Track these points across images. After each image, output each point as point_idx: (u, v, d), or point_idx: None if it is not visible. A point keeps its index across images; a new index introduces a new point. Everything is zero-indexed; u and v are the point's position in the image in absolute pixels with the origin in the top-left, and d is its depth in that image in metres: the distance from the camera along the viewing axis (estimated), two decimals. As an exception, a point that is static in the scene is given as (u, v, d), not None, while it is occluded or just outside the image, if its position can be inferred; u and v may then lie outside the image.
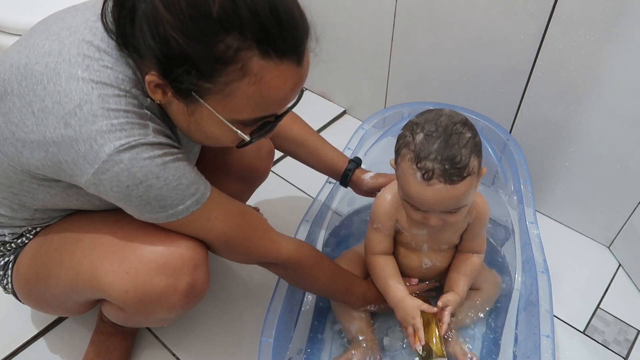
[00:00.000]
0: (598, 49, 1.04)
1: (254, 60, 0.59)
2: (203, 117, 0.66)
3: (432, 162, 0.77)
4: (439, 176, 0.77)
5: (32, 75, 0.62)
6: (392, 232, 0.96)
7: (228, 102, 0.63)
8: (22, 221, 0.78)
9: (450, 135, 0.78)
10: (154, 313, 0.76)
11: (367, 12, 1.39)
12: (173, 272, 0.73)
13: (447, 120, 0.80)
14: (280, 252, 0.83)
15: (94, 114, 0.61)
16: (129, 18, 0.61)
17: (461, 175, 0.77)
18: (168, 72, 0.61)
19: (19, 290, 0.84)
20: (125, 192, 0.64)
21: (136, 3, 0.59)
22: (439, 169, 0.77)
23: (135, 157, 0.62)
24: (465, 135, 0.79)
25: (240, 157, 1.02)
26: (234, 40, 0.58)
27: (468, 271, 0.97)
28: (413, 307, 0.91)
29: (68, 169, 0.63)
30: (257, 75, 0.60)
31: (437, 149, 0.77)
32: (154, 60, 0.60)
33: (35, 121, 0.62)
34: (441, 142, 0.77)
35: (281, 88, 0.63)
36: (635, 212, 1.18)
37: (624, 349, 1.09)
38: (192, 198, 0.69)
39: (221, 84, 0.61)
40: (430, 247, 0.97)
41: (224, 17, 0.57)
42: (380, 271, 0.97)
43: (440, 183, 0.77)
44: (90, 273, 0.73)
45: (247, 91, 0.61)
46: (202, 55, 0.58)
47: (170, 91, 0.63)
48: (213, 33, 0.57)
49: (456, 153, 0.77)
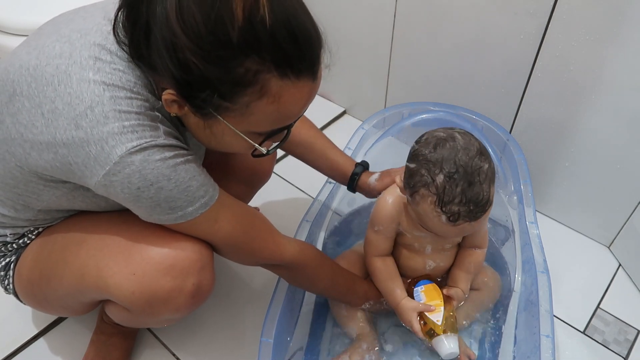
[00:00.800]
0: (598, 49, 1.04)
1: (272, 82, 0.60)
2: (219, 130, 0.67)
3: (457, 205, 0.78)
4: (464, 217, 0.79)
5: (43, 77, 0.62)
6: (394, 235, 0.97)
7: (246, 118, 0.64)
8: (25, 222, 0.78)
9: (472, 174, 0.78)
10: (160, 314, 0.76)
11: (367, 12, 1.39)
12: (180, 273, 0.73)
13: (465, 156, 0.79)
14: (284, 253, 0.83)
15: (106, 116, 0.61)
16: (143, 38, 0.61)
17: (484, 210, 0.79)
18: (186, 93, 0.62)
19: (21, 290, 0.84)
20: (136, 193, 0.64)
21: (151, 23, 0.60)
22: (464, 211, 0.78)
23: (146, 158, 0.62)
24: (483, 169, 0.79)
25: (242, 160, 1.02)
26: (253, 64, 0.58)
27: (471, 268, 0.98)
28: (410, 311, 0.93)
29: (78, 171, 0.63)
30: (276, 95, 0.61)
31: (460, 192, 0.78)
32: (172, 81, 0.61)
33: (45, 122, 0.62)
34: (464, 184, 0.78)
35: (298, 103, 0.65)
36: (635, 212, 1.18)
37: (624, 349, 1.09)
38: (201, 200, 0.69)
39: (240, 104, 0.62)
40: (434, 247, 0.97)
41: (243, 42, 0.57)
42: (380, 274, 0.97)
43: (466, 222, 0.79)
44: (96, 274, 0.72)
45: (265, 110, 0.63)
46: (222, 79, 0.59)
47: (187, 107, 0.64)
48: (233, 58, 0.58)
49: (479, 192, 0.78)
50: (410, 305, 0.94)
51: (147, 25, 0.60)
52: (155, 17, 0.59)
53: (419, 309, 0.93)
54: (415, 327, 0.92)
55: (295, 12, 0.60)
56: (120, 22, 0.64)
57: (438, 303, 0.94)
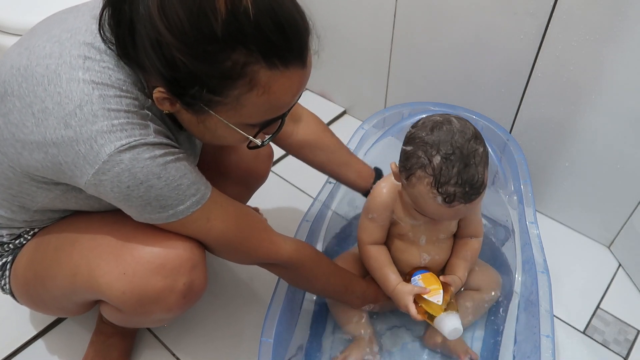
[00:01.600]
0: (598, 49, 1.04)
1: (261, 73, 0.60)
2: (213, 124, 0.66)
3: (453, 186, 0.79)
4: (459, 198, 0.80)
5: (33, 77, 0.62)
6: (387, 223, 0.97)
7: (238, 111, 0.64)
8: (21, 222, 0.78)
9: (468, 157, 0.79)
10: (152, 314, 0.76)
11: (367, 12, 1.39)
12: (170, 272, 0.73)
13: (461, 138, 0.80)
14: (280, 252, 0.83)
15: (95, 114, 0.61)
16: (129, 37, 0.61)
17: (479, 193, 0.81)
18: (176, 90, 0.61)
19: (17, 291, 0.84)
20: (126, 192, 0.64)
21: (135, 22, 0.59)
22: (460, 192, 0.79)
23: (136, 157, 0.62)
24: (479, 152, 0.81)
25: (239, 161, 1.02)
26: (240, 56, 0.58)
27: (468, 256, 0.98)
28: (406, 295, 0.93)
29: (68, 170, 0.63)
30: (266, 86, 0.61)
31: (456, 173, 0.79)
32: (161, 79, 0.61)
33: (35, 122, 0.62)
34: (460, 165, 0.79)
35: (289, 92, 0.64)
36: (635, 212, 1.18)
37: (624, 349, 1.09)
38: (192, 198, 0.69)
39: (230, 97, 0.61)
40: (429, 238, 0.97)
41: (228, 35, 0.57)
42: (375, 262, 0.97)
43: (461, 204, 0.80)
44: (87, 274, 0.72)
45: (256, 101, 0.62)
46: (210, 73, 0.59)
47: (179, 103, 0.64)
48: (219, 51, 0.58)
49: (474, 173, 0.79)
50: (406, 289, 0.93)
51: (131, 24, 0.60)
52: (138, 15, 0.58)
53: (414, 292, 0.92)
54: (412, 310, 0.91)
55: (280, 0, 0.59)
56: (106, 21, 0.64)
57: (436, 287, 0.92)
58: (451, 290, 0.93)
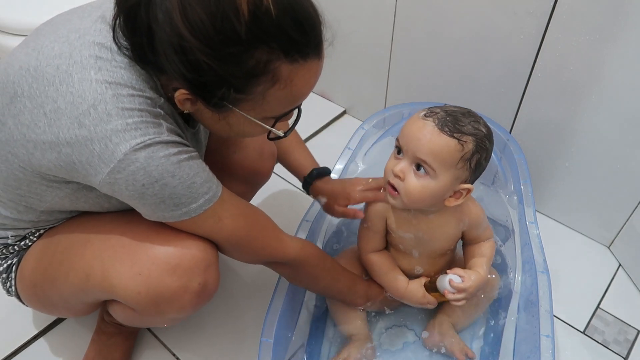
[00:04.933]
0: (598, 48, 1.04)
1: (283, 67, 0.62)
2: (235, 120, 0.68)
3: (440, 110, 0.83)
4: (436, 119, 0.82)
5: (44, 77, 0.62)
6: (383, 230, 0.97)
7: (260, 106, 0.65)
8: (27, 223, 0.78)
9: (465, 115, 0.83)
10: (166, 313, 0.76)
11: (367, 12, 1.39)
12: (185, 272, 0.73)
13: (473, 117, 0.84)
14: (287, 251, 0.83)
15: (109, 114, 0.61)
16: (147, 43, 0.61)
17: (452, 132, 0.80)
18: (201, 92, 0.63)
19: (24, 292, 0.84)
20: (141, 190, 0.64)
21: (153, 28, 0.60)
22: (442, 116, 0.82)
23: (151, 155, 0.63)
24: (479, 128, 0.83)
25: (242, 159, 1.02)
26: (263, 54, 0.60)
27: (487, 253, 0.97)
28: (419, 289, 0.95)
29: (82, 169, 0.63)
30: (287, 80, 0.63)
31: (449, 112, 0.83)
32: (184, 82, 0.62)
33: (48, 122, 0.62)
34: (455, 113, 0.83)
35: (308, 84, 0.67)
36: (635, 212, 1.18)
37: (624, 349, 1.09)
38: (205, 196, 0.69)
39: (255, 93, 0.63)
40: (422, 253, 0.97)
41: (252, 36, 0.58)
42: (379, 268, 0.98)
43: (433, 123, 0.81)
44: (101, 275, 0.73)
45: (278, 95, 0.64)
46: (235, 74, 0.60)
47: (200, 102, 0.65)
48: (243, 52, 0.59)
49: (463, 122, 0.82)
50: (415, 285, 0.96)
51: (149, 30, 0.60)
52: (157, 21, 0.59)
53: (423, 280, 0.96)
54: (429, 298, 0.95)
55: None
56: (120, 28, 0.64)
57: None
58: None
